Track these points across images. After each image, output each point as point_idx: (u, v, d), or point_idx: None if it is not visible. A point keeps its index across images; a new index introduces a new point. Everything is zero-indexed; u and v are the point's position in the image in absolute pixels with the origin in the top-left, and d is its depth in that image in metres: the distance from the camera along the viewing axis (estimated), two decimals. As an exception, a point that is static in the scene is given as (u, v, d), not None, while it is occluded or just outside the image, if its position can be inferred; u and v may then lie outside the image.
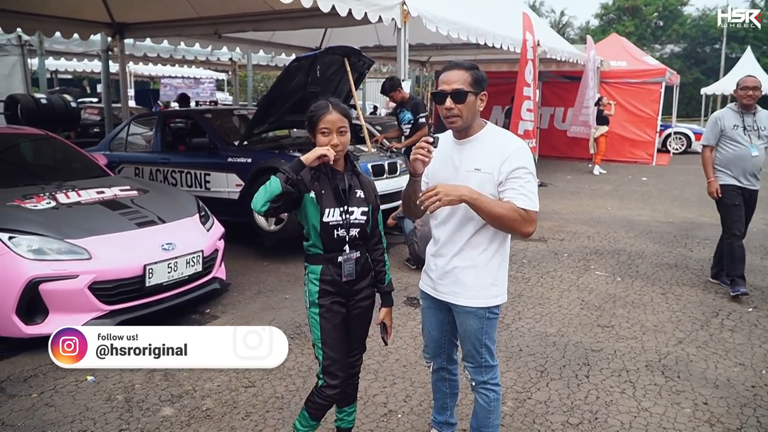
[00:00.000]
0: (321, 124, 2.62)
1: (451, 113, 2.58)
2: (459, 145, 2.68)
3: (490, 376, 2.83)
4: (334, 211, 2.68)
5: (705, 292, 5.93)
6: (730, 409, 3.74)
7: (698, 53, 49.06)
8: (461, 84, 2.56)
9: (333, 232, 2.69)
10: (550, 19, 50.74)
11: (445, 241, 2.74)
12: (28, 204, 4.94)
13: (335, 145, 2.62)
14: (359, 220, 2.75)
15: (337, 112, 2.64)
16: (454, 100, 2.55)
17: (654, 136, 16.85)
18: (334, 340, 2.76)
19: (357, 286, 2.81)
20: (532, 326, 5.05)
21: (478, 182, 2.57)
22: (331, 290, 2.74)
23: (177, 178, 7.82)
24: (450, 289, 2.75)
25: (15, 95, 11.27)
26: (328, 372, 2.75)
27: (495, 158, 2.57)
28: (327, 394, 2.77)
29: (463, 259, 2.70)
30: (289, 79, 7.10)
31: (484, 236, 2.67)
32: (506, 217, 2.51)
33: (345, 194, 2.72)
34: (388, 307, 2.95)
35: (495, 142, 2.64)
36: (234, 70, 20.01)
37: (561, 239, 8.08)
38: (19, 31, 11.17)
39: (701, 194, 11.65)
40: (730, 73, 30.76)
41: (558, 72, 15.93)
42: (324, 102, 2.68)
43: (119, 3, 9.90)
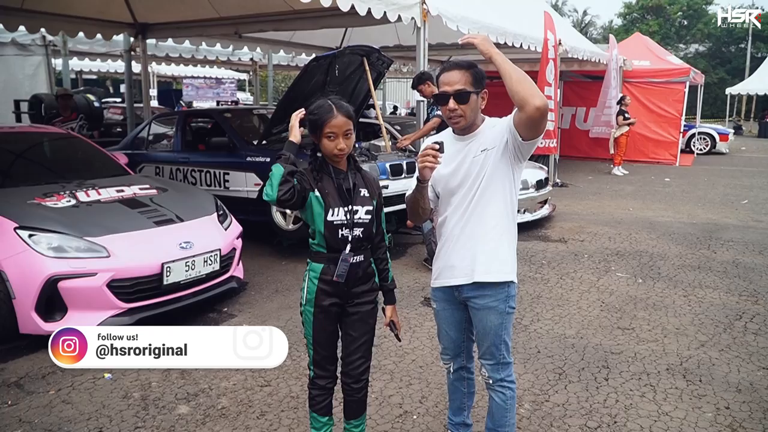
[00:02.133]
0: (327, 128, 2.60)
1: (455, 114, 2.60)
2: (463, 141, 2.71)
3: (507, 373, 2.83)
4: (339, 210, 2.67)
5: (728, 294, 5.82)
6: (753, 414, 3.66)
7: (723, 53, 48.37)
8: (463, 84, 2.57)
9: (337, 231, 2.68)
10: (573, 18, 50.36)
11: (454, 231, 2.75)
12: (49, 202, 4.99)
13: (342, 149, 2.62)
14: (364, 220, 2.74)
15: (342, 115, 2.62)
16: (457, 101, 2.57)
17: (677, 136, 16.61)
18: (325, 340, 2.80)
19: (356, 289, 2.79)
20: (550, 328, 4.99)
21: (482, 162, 2.63)
22: (329, 290, 2.73)
23: (197, 177, 7.86)
24: (466, 270, 2.72)
25: (39, 95, 11.44)
26: (318, 365, 2.83)
27: (494, 132, 2.65)
28: (319, 384, 2.85)
29: (476, 242, 2.71)
30: (308, 79, 7.10)
31: (490, 223, 2.69)
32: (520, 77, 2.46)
33: (349, 193, 2.71)
34: (391, 305, 2.96)
35: (495, 123, 2.71)
36: (255, 70, 20.08)
37: (581, 240, 7.99)
38: (43, 32, 11.28)
39: (725, 195, 11.57)
40: (756, 73, 30.41)
41: (580, 71, 15.77)
42: (327, 104, 2.64)
43: (141, 3, 9.98)
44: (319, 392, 2.86)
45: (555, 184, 11.88)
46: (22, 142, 6.40)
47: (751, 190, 12.33)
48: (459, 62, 2.66)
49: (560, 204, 10.13)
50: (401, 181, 7.07)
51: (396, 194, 6.59)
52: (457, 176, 2.70)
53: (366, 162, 6.93)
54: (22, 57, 12.95)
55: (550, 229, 8.64)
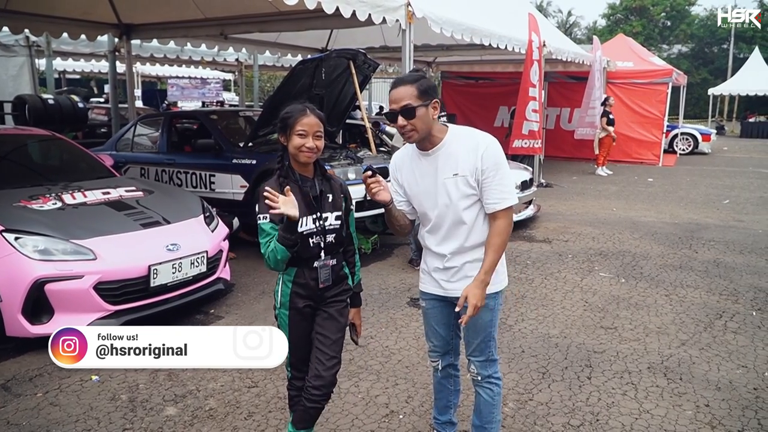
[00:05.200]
0: (298, 126, 2.63)
1: (406, 129, 2.62)
2: (429, 156, 2.73)
3: (494, 369, 2.90)
4: (307, 219, 2.69)
5: (709, 293, 5.92)
6: (732, 411, 3.74)
7: (706, 53, 48.85)
8: (408, 99, 2.58)
9: (308, 240, 2.71)
10: (557, 19, 50.63)
11: (444, 243, 2.79)
12: (34, 204, 4.98)
13: (311, 148, 2.64)
14: (334, 225, 2.77)
15: (314, 116, 2.66)
16: (405, 117, 2.60)
17: (660, 136, 16.77)
18: (301, 341, 2.82)
19: (329, 292, 2.83)
20: (534, 327, 5.06)
21: (455, 185, 2.67)
22: (303, 293, 2.78)
23: (182, 178, 7.86)
24: (461, 285, 2.77)
25: (23, 96, 11.37)
26: (295, 366, 2.88)
27: (469, 160, 2.65)
28: (296, 385, 2.89)
29: (468, 254, 2.77)
30: (294, 82, 7.12)
31: (480, 230, 2.74)
32: (503, 240, 2.68)
33: (317, 200, 2.73)
34: (356, 308, 3.00)
35: (464, 143, 2.69)
36: (240, 71, 20.04)
37: (565, 240, 8.08)
38: (27, 32, 11.21)
39: (707, 195, 11.71)
40: (738, 74, 30.77)
41: (564, 72, 15.89)
42: (300, 105, 2.69)
43: (126, 4, 9.94)
44: (297, 393, 2.90)
45: (540, 184, 11.97)
46: (6, 144, 6.35)
47: (733, 190, 12.50)
48: (404, 77, 2.68)
49: (545, 204, 10.22)
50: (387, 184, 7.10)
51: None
52: (430, 197, 2.74)
53: (351, 165, 6.96)
54: (6, 58, 12.87)
55: (535, 229, 8.72)
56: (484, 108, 17.88)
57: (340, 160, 7.09)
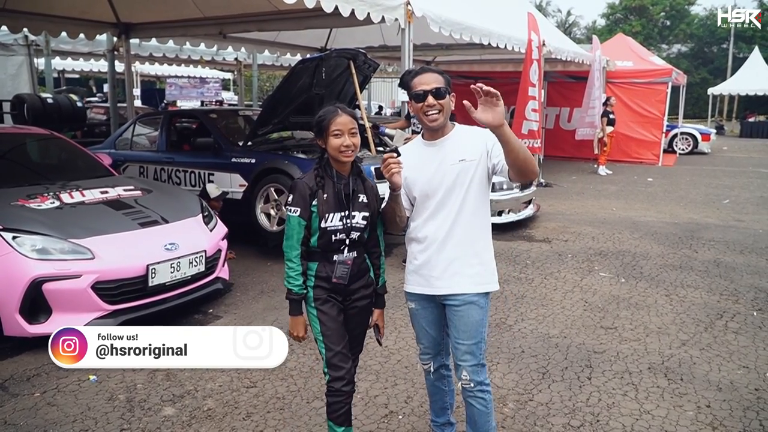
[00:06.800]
0: (333, 126, 2.67)
1: (434, 110, 2.71)
2: (435, 146, 2.80)
3: (485, 375, 2.85)
4: (334, 216, 2.72)
5: (709, 293, 5.90)
6: (733, 412, 3.72)
7: (706, 53, 48.86)
8: (438, 83, 2.71)
9: (331, 236, 2.73)
10: (557, 18, 50.66)
11: (437, 236, 2.79)
12: (32, 204, 4.96)
13: (348, 146, 2.68)
14: (360, 225, 2.79)
15: (347, 114, 2.71)
16: (435, 98, 2.69)
17: (660, 136, 16.76)
18: (333, 332, 2.79)
19: (353, 286, 2.84)
20: (534, 327, 5.04)
21: (460, 171, 2.73)
22: (326, 287, 2.78)
23: (181, 177, 7.84)
24: (450, 282, 2.78)
25: (22, 95, 11.36)
26: (331, 364, 2.79)
27: (476, 145, 2.76)
28: (335, 387, 2.80)
29: (459, 249, 2.77)
30: (294, 81, 7.10)
31: (472, 225, 2.78)
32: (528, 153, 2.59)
33: (348, 199, 2.75)
34: (380, 309, 3.00)
35: (469, 133, 2.82)
36: (239, 70, 20.02)
37: (565, 240, 8.06)
38: (26, 31, 11.19)
39: (707, 195, 11.70)
40: (738, 73, 30.77)
41: (564, 72, 15.87)
42: (332, 107, 2.74)
43: (125, 3, 9.92)
44: (335, 398, 2.80)
45: (539, 184, 11.96)
46: (5, 143, 6.34)
47: (733, 189, 12.48)
48: (431, 68, 2.82)
49: (544, 204, 10.20)
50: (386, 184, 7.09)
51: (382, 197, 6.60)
52: (434, 182, 2.76)
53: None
54: (5, 57, 12.87)
55: (535, 229, 8.71)
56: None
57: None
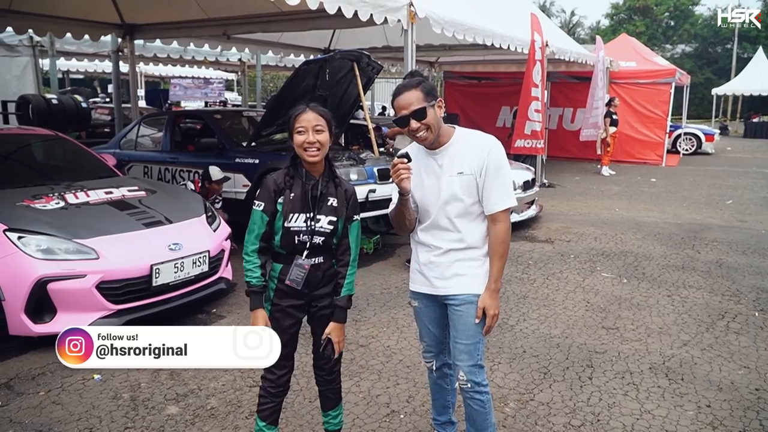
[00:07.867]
0: (297, 123, 2.65)
1: (420, 131, 2.68)
2: (436, 155, 2.78)
3: (483, 376, 2.87)
4: (298, 216, 2.70)
5: (711, 294, 5.91)
6: (734, 412, 3.74)
7: (710, 53, 48.78)
8: (416, 103, 2.65)
9: (294, 237, 2.71)
10: (561, 19, 50.65)
11: (439, 242, 2.81)
12: (38, 204, 5.00)
13: (311, 143, 2.63)
14: (325, 229, 2.74)
15: (313, 112, 2.67)
16: (417, 119, 2.65)
17: (663, 136, 16.75)
18: None
19: (317, 292, 2.81)
20: (536, 328, 5.06)
21: (461, 184, 2.72)
22: (287, 291, 2.77)
23: (185, 177, 7.87)
24: (451, 282, 2.81)
25: (26, 95, 11.39)
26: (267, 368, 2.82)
27: (475, 160, 2.72)
28: (264, 386, 2.87)
29: (462, 253, 2.79)
30: (298, 82, 7.13)
31: (473, 231, 2.78)
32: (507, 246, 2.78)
33: (314, 201, 2.72)
34: (337, 323, 2.83)
35: (469, 143, 2.77)
36: (243, 71, 20.05)
37: (568, 240, 8.07)
38: (31, 32, 11.25)
39: (710, 195, 11.69)
40: (742, 74, 30.69)
41: (567, 72, 15.87)
42: (302, 105, 2.71)
43: (129, 4, 9.95)
44: (262, 393, 2.89)
45: (542, 184, 11.96)
46: (10, 143, 6.38)
47: (736, 190, 12.48)
48: (406, 84, 2.71)
49: (547, 204, 10.21)
50: (389, 185, 7.11)
51: (384, 198, 6.62)
52: (433, 192, 2.77)
53: (353, 166, 6.95)
54: (10, 58, 12.91)
55: (537, 229, 8.72)
56: (487, 108, 17.89)
57: (342, 161, 7.10)
